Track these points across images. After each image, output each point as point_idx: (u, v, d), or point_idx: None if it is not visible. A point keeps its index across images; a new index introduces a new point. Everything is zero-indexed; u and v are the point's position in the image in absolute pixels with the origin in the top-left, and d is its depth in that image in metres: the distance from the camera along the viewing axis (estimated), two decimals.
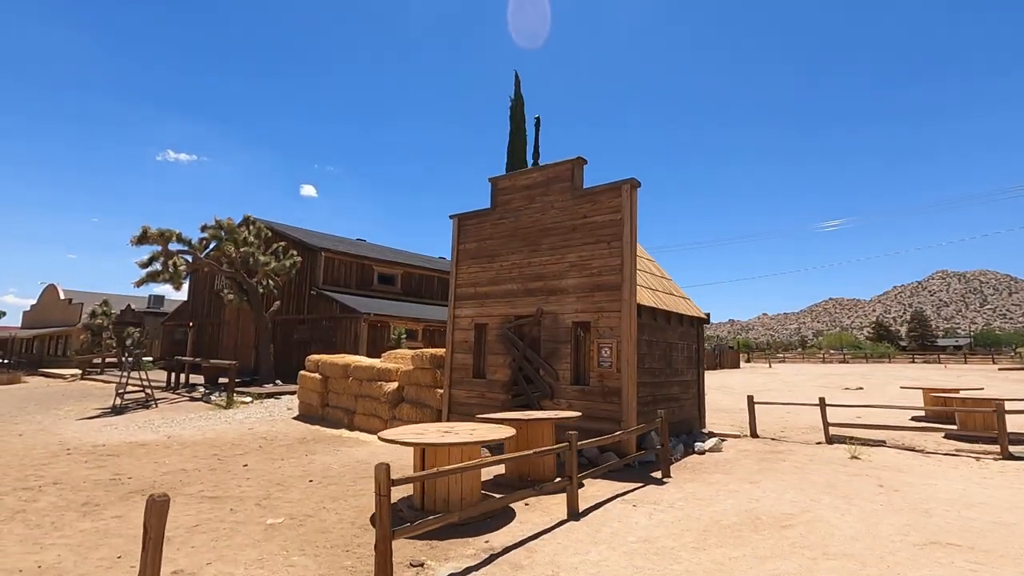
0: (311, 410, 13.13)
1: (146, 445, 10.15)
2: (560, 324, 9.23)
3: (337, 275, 21.79)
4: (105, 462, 8.68)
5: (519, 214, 10.15)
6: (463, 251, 10.95)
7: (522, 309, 9.81)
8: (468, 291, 10.71)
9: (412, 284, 24.58)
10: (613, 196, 8.89)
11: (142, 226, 15.85)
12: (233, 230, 18.25)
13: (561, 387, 9.07)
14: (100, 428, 12.14)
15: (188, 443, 10.31)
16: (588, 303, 8.95)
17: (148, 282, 16.26)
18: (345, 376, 12.48)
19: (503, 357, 9.90)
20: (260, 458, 8.95)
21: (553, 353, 9.25)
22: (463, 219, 11.05)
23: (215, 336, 25.63)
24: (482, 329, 10.47)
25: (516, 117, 24.35)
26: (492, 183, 10.64)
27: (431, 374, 10.95)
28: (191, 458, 8.97)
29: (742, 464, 8.25)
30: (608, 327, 8.66)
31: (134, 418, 13.45)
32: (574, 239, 9.29)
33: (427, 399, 10.95)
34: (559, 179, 9.67)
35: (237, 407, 14.78)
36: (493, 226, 10.51)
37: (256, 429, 11.87)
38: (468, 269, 10.79)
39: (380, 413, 11.53)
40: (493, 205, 10.59)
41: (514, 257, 10.08)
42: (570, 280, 9.22)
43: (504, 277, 10.17)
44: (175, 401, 15.98)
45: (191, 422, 12.75)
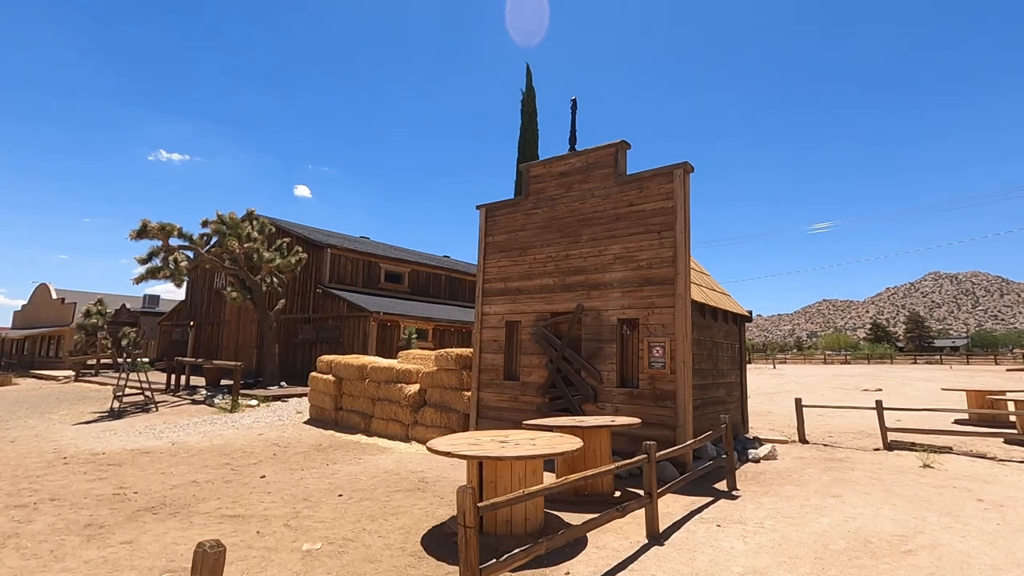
0: (324, 414, 12.34)
1: (149, 453, 9.35)
2: (603, 321, 8.51)
3: (343, 273, 20.99)
4: (106, 472, 7.88)
5: (555, 203, 9.42)
6: (491, 244, 10.21)
7: (559, 305, 9.08)
8: (497, 286, 9.97)
9: (420, 283, 23.80)
10: (664, 182, 8.18)
11: (142, 220, 15.02)
12: (236, 225, 17.43)
13: (605, 390, 8.34)
14: (98, 434, 11.31)
15: (195, 450, 9.51)
16: (636, 298, 8.23)
17: (148, 279, 15.43)
18: (361, 378, 11.71)
19: (538, 357, 9.17)
20: (277, 468, 8.17)
21: (596, 353, 8.52)
22: (491, 209, 10.31)
23: (215, 336, 24.75)
24: (513, 327, 9.73)
25: (528, 110, 23.60)
26: (523, 170, 9.91)
27: (456, 376, 10.19)
28: (201, 468, 8.18)
29: (807, 474, 7.54)
30: (659, 324, 7.94)
31: (134, 423, 12.62)
32: (619, 229, 8.57)
33: (452, 402, 10.20)
34: (600, 164, 8.95)
35: (243, 411, 13.97)
36: (525, 216, 9.78)
37: (266, 435, 11.07)
38: (497, 263, 10.06)
39: (400, 417, 10.77)
40: (525, 194, 9.85)
41: (549, 249, 9.35)
42: (615, 274, 8.50)
43: (538, 271, 9.44)
44: (176, 404, 15.14)
45: (195, 427, 11.94)
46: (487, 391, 9.76)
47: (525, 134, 23.52)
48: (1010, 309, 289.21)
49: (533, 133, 23.48)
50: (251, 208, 18.76)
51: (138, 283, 15.40)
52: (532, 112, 23.65)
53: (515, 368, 9.58)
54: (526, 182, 9.85)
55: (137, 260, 15.63)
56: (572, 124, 9.75)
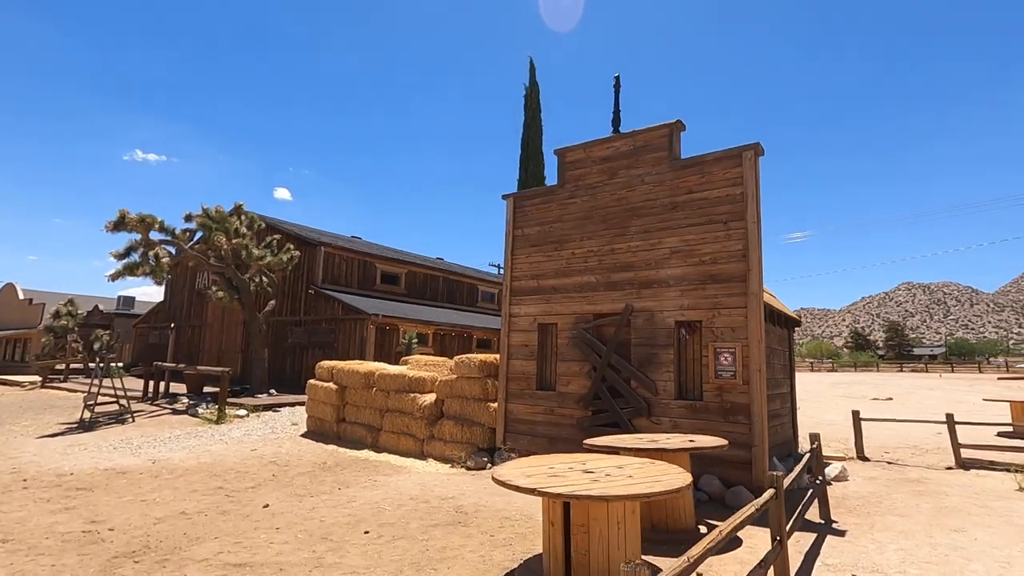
0: (324, 426, 11.10)
1: (127, 473, 8.05)
2: (658, 324, 7.49)
3: (337, 273, 19.70)
4: (74, 500, 6.59)
5: (596, 191, 8.40)
6: (521, 237, 9.14)
7: (604, 306, 8.04)
8: (528, 284, 8.90)
9: (417, 284, 22.59)
10: (730, 165, 7.21)
11: (119, 210, 13.63)
12: (224, 219, 16.08)
13: (661, 402, 7.31)
14: (66, 449, 9.93)
15: (180, 470, 8.24)
16: (698, 298, 7.23)
17: (125, 275, 14.01)
18: (368, 386, 10.51)
19: (578, 364, 8.11)
20: (281, 494, 6.96)
21: (649, 360, 7.49)
22: (520, 199, 9.26)
23: (195, 340, 23.20)
24: (547, 330, 8.67)
25: (531, 105, 22.69)
26: (559, 155, 8.88)
27: (480, 385, 9.08)
28: (189, 493, 6.93)
29: (900, 501, 6.59)
30: (728, 327, 6.94)
31: (107, 435, 11.23)
32: (675, 219, 7.57)
33: (475, 415, 9.07)
34: (651, 147, 7.96)
35: (230, 422, 12.63)
36: (561, 206, 8.74)
37: (261, 450, 9.81)
38: (528, 258, 8.99)
39: (414, 431, 9.60)
40: (560, 181, 8.82)
41: (591, 243, 8.32)
42: (671, 270, 7.50)
43: (578, 267, 8.39)
44: (155, 414, 13.72)
45: (178, 441, 10.61)
46: (517, 402, 8.66)
47: (529, 130, 22.57)
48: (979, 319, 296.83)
49: (537, 129, 22.54)
50: (239, 202, 17.42)
51: (114, 279, 13.98)
52: (536, 107, 22.71)
53: (550, 376, 8.51)
54: (562, 168, 8.82)
55: (113, 255, 14.21)
56: (615, 104, 8.76)
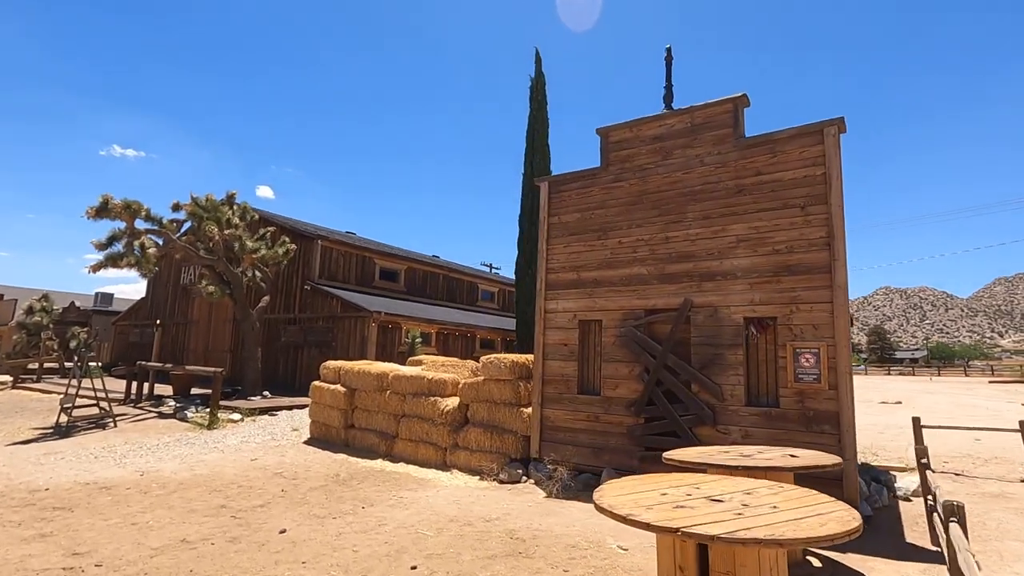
0: (330, 432, 10.12)
1: (111, 488, 7.02)
2: (723, 321, 6.68)
3: (335, 268, 18.66)
4: (51, 523, 5.58)
5: (647, 173, 7.58)
6: (557, 225, 8.29)
7: (657, 300, 7.22)
8: (566, 277, 8.05)
9: (416, 282, 21.61)
10: (808, 143, 6.43)
11: (102, 195, 12.49)
12: (216, 208, 14.98)
13: (729, 409, 6.50)
14: (40, 458, 8.83)
15: (173, 484, 7.23)
16: (771, 291, 6.44)
17: (107, 266, 12.88)
18: (381, 389, 9.56)
19: (627, 366, 7.27)
20: (296, 514, 6.01)
21: (712, 361, 6.68)
22: (557, 184, 8.40)
23: (180, 338, 21.95)
24: (590, 328, 7.82)
25: (537, 97, 21.75)
26: (602, 135, 8.04)
27: (511, 388, 8.19)
28: (187, 514, 5.95)
29: (999, 520, 5.86)
30: (809, 325, 6.16)
31: (86, 443, 10.12)
32: (742, 204, 6.78)
33: (505, 421, 8.18)
34: (711, 125, 7.16)
35: (224, 427, 11.58)
36: (605, 190, 7.91)
37: (263, 460, 8.81)
38: (566, 248, 8.14)
39: (435, 439, 8.68)
40: (604, 163, 7.99)
41: (641, 231, 7.50)
42: (738, 260, 6.70)
43: (625, 258, 7.56)
44: (139, 418, 12.59)
45: (168, 449, 9.56)
46: (554, 407, 7.80)
47: (534, 123, 21.66)
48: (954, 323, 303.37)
49: (543, 122, 21.64)
50: (231, 191, 16.32)
51: (95, 271, 12.82)
52: (542, 99, 21.82)
53: (594, 379, 7.66)
54: (606, 149, 7.99)
55: (94, 245, 13.05)
56: (667, 79, 7.96)
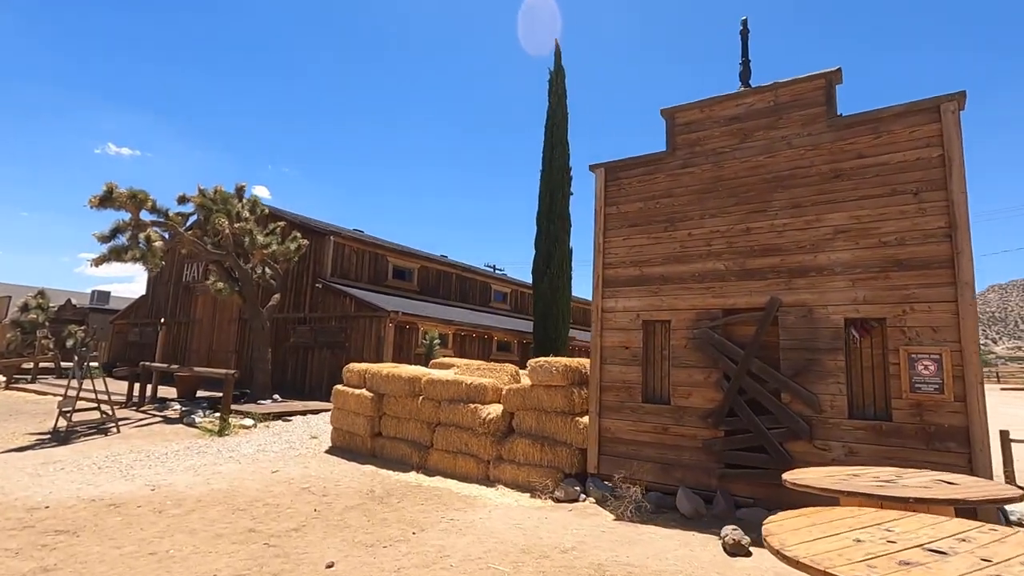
0: (354, 441, 9.31)
1: (121, 507, 6.19)
2: (819, 322, 5.92)
3: (347, 266, 17.83)
4: (54, 552, 4.76)
5: (722, 158, 6.82)
6: (616, 216, 7.52)
7: (737, 299, 6.45)
8: (627, 273, 7.28)
9: (429, 281, 20.80)
10: (921, 121, 5.69)
11: (107, 183, 11.66)
12: (227, 200, 14.16)
13: (828, 422, 5.73)
14: (37, 468, 7.97)
15: (190, 501, 6.40)
16: (878, 289, 5.68)
17: (111, 260, 12.04)
18: (412, 394, 8.75)
19: (703, 372, 6.50)
20: (339, 541, 5.19)
21: (806, 367, 5.91)
22: (615, 170, 7.64)
23: (182, 338, 21.07)
24: (655, 329, 7.05)
25: (556, 91, 21.08)
26: (668, 116, 7.28)
27: (564, 395, 7.40)
28: (212, 540, 5.13)
29: None
30: (927, 327, 5.40)
31: (88, 450, 9.27)
32: (839, 191, 6.03)
33: (558, 432, 7.38)
34: (800, 103, 6.41)
35: (236, 433, 10.74)
36: (672, 177, 7.14)
37: (285, 472, 7.99)
38: (626, 241, 7.37)
39: (475, 450, 7.88)
40: (671, 148, 7.22)
41: (715, 221, 6.73)
42: (836, 254, 5.94)
43: (698, 252, 6.79)
44: (143, 422, 11.74)
45: (178, 458, 8.72)
46: (614, 417, 7.02)
47: (554, 117, 20.95)
48: None
49: (562, 115, 20.93)
50: (240, 183, 15.50)
51: (98, 265, 11.97)
52: (561, 93, 21.11)
53: (661, 386, 6.88)
54: (673, 132, 7.23)
55: (97, 237, 12.21)
56: (743, 54, 7.21)
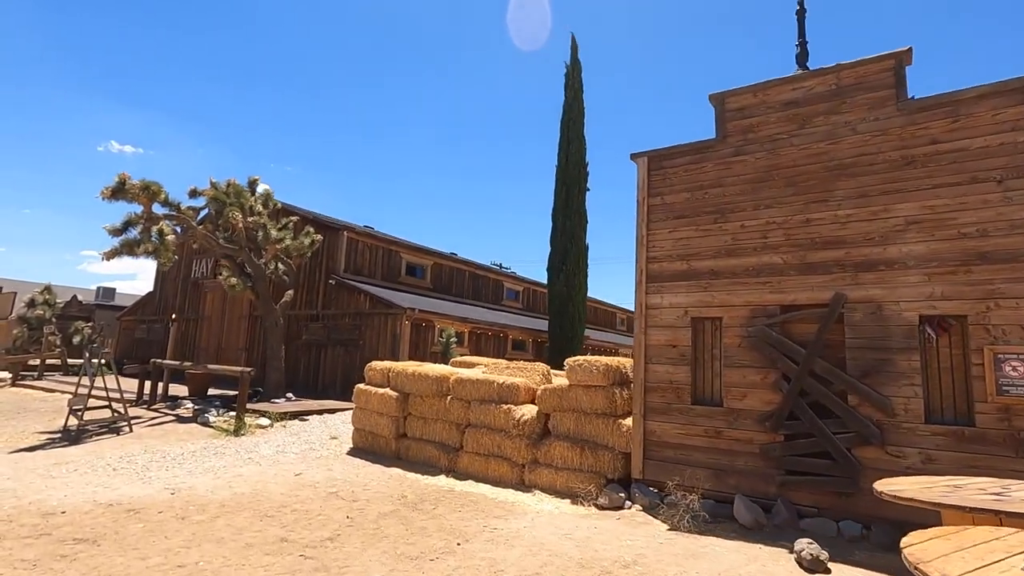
0: (378, 443, 8.93)
1: (141, 512, 5.82)
2: (890, 319, 5.53)
3: (360, 262, 17.46)
4: (74, 563, 4.39)
5: (778, 145, 6.42)
6: (660, 207, 7.13)
7: (796, 294, 6.06)
8: (673, 268, 6.88)
9: (443, 279, 20.43)
10: (1006, 103, 5.28)
11: (119, 174, 11.30)
12: (240, 193, 13.80)
13: (902, 427, 5.33)
14: (49, 469, 7.61)
15: (213, 506, 6.03)
16: (958, 283, 5.28)
17: (123, 254, 11.68)
18: (440, 394, 8.38)
19: (759, 372, 6.11)
20: (379, 553, 4.82)
21: (876, 368, 5.52)
22: (659, 159, 7.24)
23: (191, 335, 20.72)
24: (704, 327, 6.65)
25: (573, 85, 20.73)
26: (717, 101, 6.89)
27: (604, 395, 7.01)
28: (244, 551, 4.76)
29: None
30: (1015, 325, 4.99)
31: (101, 450, 8.91)
32: (911, 179, 5.63)
33: (598, 434, 7.00)
34: (865, 86, 6.01)
35: (252, 433, 10.38)
36: (723, 166, 6.75)
37: (309, 475, 7.61)
38: (672, 234, 6.97)
39: (509, 453, 7.49)
40: (721, 135, 6.83)
41: (771, 212, 6.34)
42: (908, 246, 5.54)
43: (752, 244, 6.40)
44: (156, 421, 11.38)
45: (196, 459, 8.35)
46: (660, 419, 6.62)
47: (570, 111, 20.58)
48: None
49: (579, 110, 20.57)
50: (253, 176, 15.14)
51: (109, 259, 11.61)
52: (578, 87, 20.74)
53: (712, 387, 6.49)
54: (723, 119, 6.83)
55: (108, 230, 11.84)
56: (800, 34, 6.81)
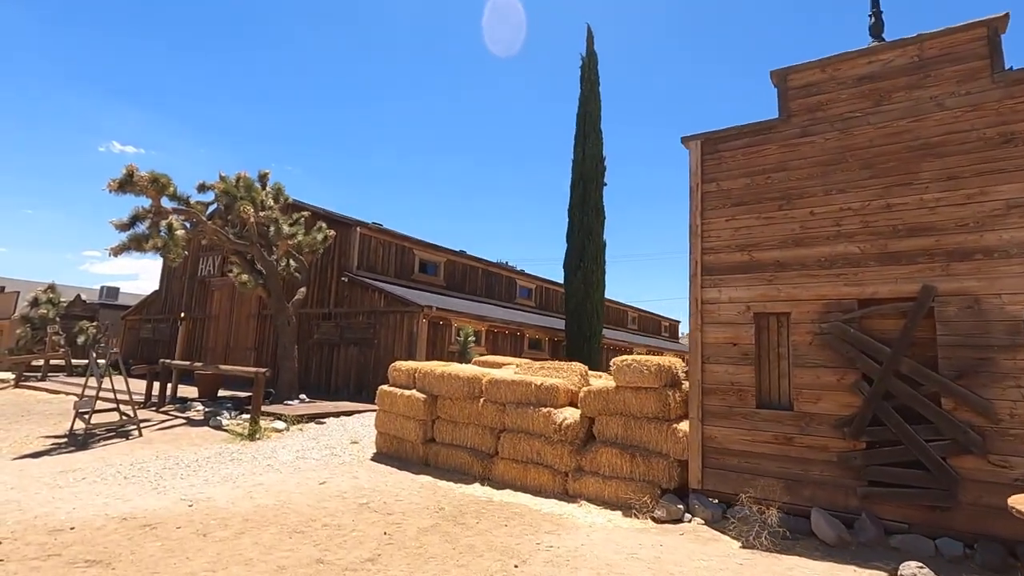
0: (404, 448, 8.41)
1: (157, 528, 5.29)
2: (989, 314, 4.98)
3: (373, 259, 16.93)
4: None
5: (851, 124, 5.87)
6: (715, 194, 6.58)
7: (877, 287, 5.51)
8: (732, 259, 6.34)
9: (456, 276, 19.90)
10: None
11: (127, 166, 10.77)
12: (251, 187, 13.28)
13: (1008, 433, 4.78)
14: (56, 478, 7.09)
15: (237, 520, 5.50)
16: None
17: (130, 249, 11.17)
18: (472, 396, 7.84)
19: (834, 372, 5.56)
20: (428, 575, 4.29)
21: (975, 368, 4.97)
22: (713, 142, 6.69)
23: (198, 335, 20.22)
24: (770, 322, 6.11)
25: (589, 77, 20.19)
26: (779, 78, 6.33)
27: (657, 398, 6.47)
28: (275, 574, 4.23)
29: None
30: None
31: (109, 456, 8.39)
32: (1012, 158, 5.07)
33: (650, 440, 6.45)
34: (953, 57, 5.46)
35: (267, 437, 9.85)
36: (787, 148, 6.20)
37: (335, 485, 7.08)
38: (730, 222, 6.43)
39: (550, 460, 6.95)
40: (784, 114, 6.28)
41: (846, 197, 5.79)
42: (1011, 232, 4.99)
43: (823, 233, 5.85)
44: (166, 425, 10.86)
45: (211, 467, 7.82)
46: (721, 424, 6.08)
47: (586, 104, 20.02)
48: None
49: (595, 103, 20.00)
50: (264, 170, 14.61)
51: (116, 254, 11.09)
52: (594, 79, 20.18)
53: (779, 389, 5.94)
54: (786, 97, 6.28)
55: (115, 225, 11.32)
56: (874, 3, 6.26)
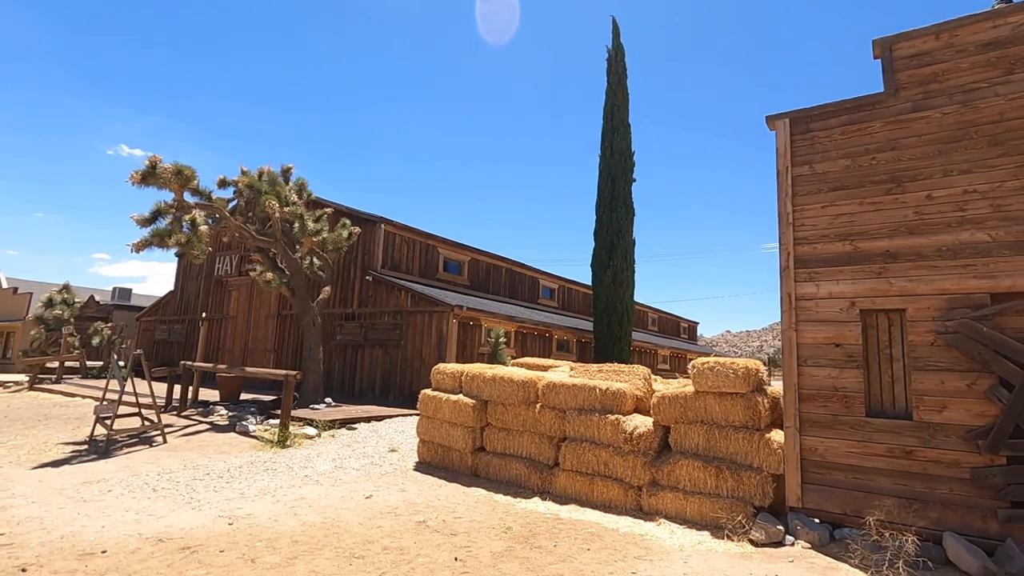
0: (449, 457, 7.78)
1: (198, 551, 4.68)
2: None
3: (398, 257, 16.35)
4: None
5: (974, 96, 5.21)
6: (807, 177, 5.93)
7: (1014, 279, 4.83)
8: (832, 249, 5.68)
9: (480, 275, 19.29)
10: None
11: (150, 157, 10.23)
12: (275, 181, 12.73)
13: None
14: (79, 491, 6.51)
15: (284, 542, 4.89)
16: None
17: (153, 245, 10.62)
18: (527, 402, 7.20)
19: (964, 377, 4.89)
20: None
21: None
22: (804, 120, 6.04)
23: (215, 336, 19.72)
24: (879, 320, 5.45)
25: (616, 70, 19.58)
26: (884, 48, 5.67)
27: (744, 404, 5.81)
28: None
29: None
30: None
31: (134, 465, 7.82)
32: None
33: (736, 452, 5.80)
34: None
35: (298, 444, 9.26)
36: (897, 125, 5.54)
37: (382, 499, 6.46)
38: (827, 209, 5.77)
39: (620, 473, 6.31)
40: (891, 88, 5.62)
41: (971, 178, 5.12)
42: None
43: (944, 219, 5.19)
44: (190, 431, 10.30)
45: (245, 478, 7.22)
46: (824, 435, 5.42)
47: (613, 98, 19.37)
48: None
49: (623, 97, 19.36)
50: (287, 164, 14.06)
51: (139, 250, 10.55)
52: (621, 73, 19.55)
53: (894, 395, 5.27)
54: (892, 68, 5.62)
55: (136, 220, 10.79)
56: None
